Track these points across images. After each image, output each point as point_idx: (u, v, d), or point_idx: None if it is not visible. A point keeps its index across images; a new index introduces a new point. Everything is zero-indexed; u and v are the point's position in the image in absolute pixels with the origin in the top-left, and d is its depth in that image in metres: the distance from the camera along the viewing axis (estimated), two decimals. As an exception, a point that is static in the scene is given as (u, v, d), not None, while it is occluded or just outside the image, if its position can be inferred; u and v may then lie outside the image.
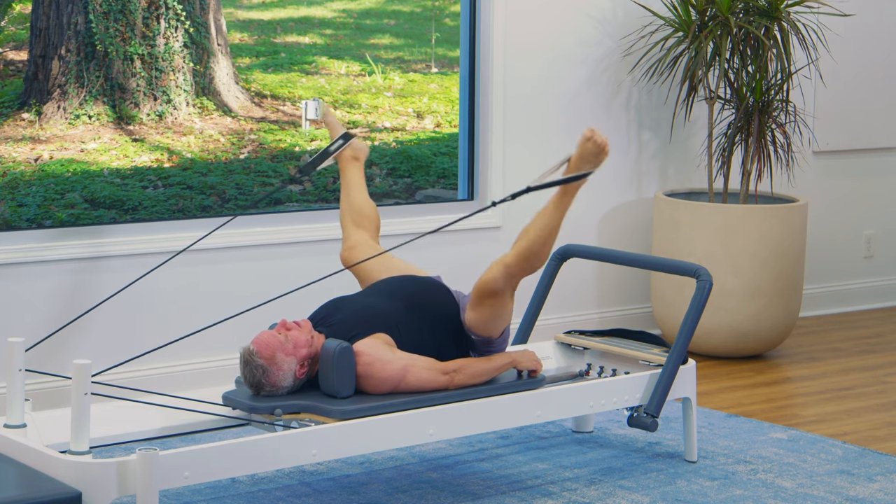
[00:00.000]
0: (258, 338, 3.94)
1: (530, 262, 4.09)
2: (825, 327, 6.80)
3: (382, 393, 3.98)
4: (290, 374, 3.92)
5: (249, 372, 3.91)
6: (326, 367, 3.93)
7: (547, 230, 4.11)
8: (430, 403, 3.98)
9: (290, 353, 3.92)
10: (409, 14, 5.73)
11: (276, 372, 3.90)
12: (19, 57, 4.92)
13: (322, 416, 3.87)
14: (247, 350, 3.93)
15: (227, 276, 5.31)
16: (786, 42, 6.05)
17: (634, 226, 6.39)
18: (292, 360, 3.92)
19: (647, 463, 4.61)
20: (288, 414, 3.88)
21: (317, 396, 3.95)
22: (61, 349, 4.80)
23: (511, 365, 4.21)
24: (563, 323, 6.03)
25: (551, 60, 6.05)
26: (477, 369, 4.12)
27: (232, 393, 4.00)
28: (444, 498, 4.22)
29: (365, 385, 3.97)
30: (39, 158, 4.94)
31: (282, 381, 3.92)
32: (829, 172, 7.03)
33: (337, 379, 3.92)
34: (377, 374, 3.96)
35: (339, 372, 3.91)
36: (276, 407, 3.88)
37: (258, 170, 5.37)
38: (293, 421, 3.86)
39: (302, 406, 3.90)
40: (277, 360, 3.90)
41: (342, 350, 3.92)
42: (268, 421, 3.89)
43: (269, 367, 3.90)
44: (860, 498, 4.30)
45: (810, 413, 5.33)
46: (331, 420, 3.84)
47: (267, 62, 5.40)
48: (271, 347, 3.90)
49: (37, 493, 3.30)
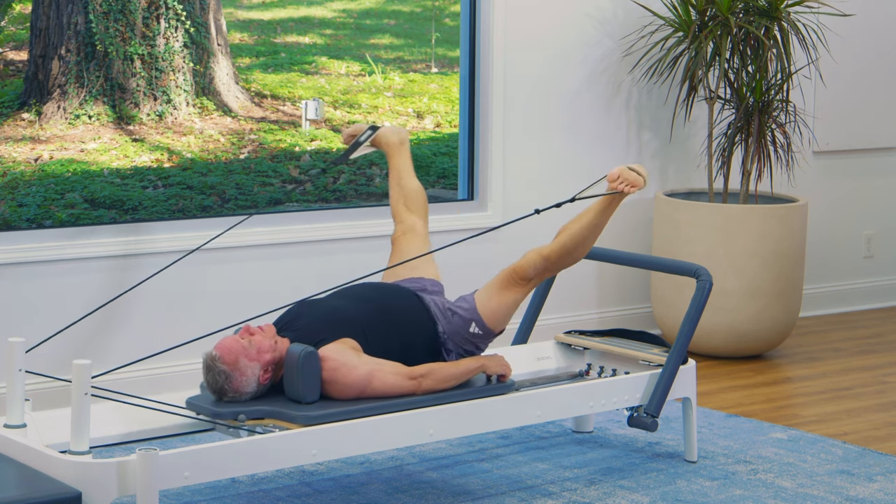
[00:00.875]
0: (221, 343, 3.88)
1: (566, 259, 4.23)
2: (825, 327, 6.80)
3: (348, 398, 3.91)
4: (254, 379, 3.85)
5: (212, 378, 3.85)
6: (291, 372, 3.87)
7: (588, 229, 4.23)
8: (398, 409, 3.92)
9: (253, 358, 3.85)
10: (409, 14, 5.73)
11: (240, 378, 3.84)
12: (19, 57, 4.92)
13: (286, 421, 3.80)
14: (209, 356, 3.86)
15: (227, 275, 5.31)
16: (786, 42, 6.05)
17: (634, 226, 6.39)
18: (256, 365, 3.85)
19: (647, 463, 4.61)
20: (252, 419, 3.82)
21: (281, 402, 3.88)
22: (61, 349, 4.80)
23: (480, 369, 4.15)
24: (563, 323, 6.03)
25: (551, 60, 6.05)
26: (445, 374, 4.06)
27: (196, 398, 3.93)
28: (444, 498, 4.22)
29: (330, 390, 3.91)
30: (39, 158, 4.94)
31: (245, 386, 3.85)
32: (829, 172, 7.03)
33: (302, 384, 3.85)
34: (342, 379, 3.89)
35: (303, 377, 3.85)
36: (240, 412, 3.81)
37: (258, 170, 5.37)
38: (257, 426, 3.79)
39: (266, 412, 3.83)
40: (240, 366, 3.84)
41: (307, 355, 3.85)
42: (232, 426, 3.83)
43: (232, 373, 3.83)
44: (860, 498, 4.30)
45: (810, 413, 5.33)
46: (295, 426, 3.77)
47: (267, 62, 5.40)
48: (234, 353, 3.84)
49: (37, 493, 3.30)
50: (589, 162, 6.19)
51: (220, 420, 3.86)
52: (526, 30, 5.96)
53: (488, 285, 4.24)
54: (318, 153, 5.50)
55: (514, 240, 5.66)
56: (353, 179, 5.59)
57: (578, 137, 6.18)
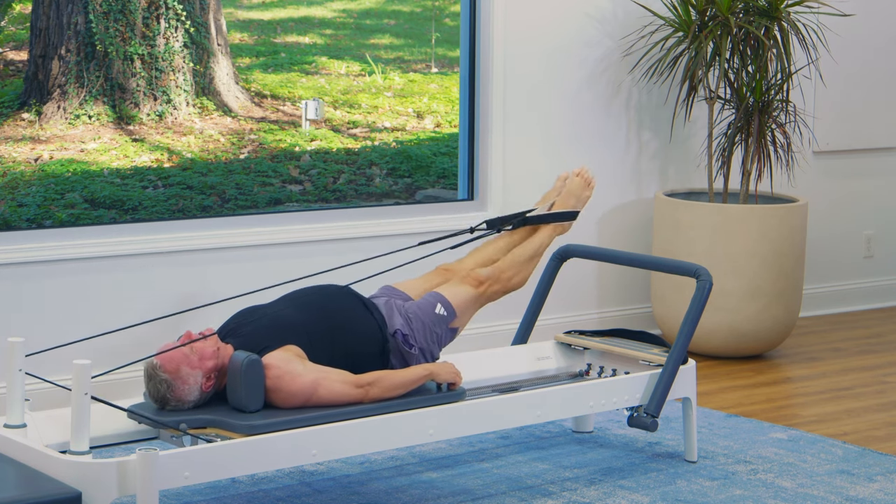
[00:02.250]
0: (161, 352, 3.81)
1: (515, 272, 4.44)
2: (825, 327, 6.80)
3: (293, 407, 3.85)
4: (196, 387, 3.80)
5: (154, 387, 3.79)
6: (234, 380, 3.81)
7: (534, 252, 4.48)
8: (346, 417, 3.85)
9: (195, 366, 3.79)
10: (409, 14, 5.74)
11: (182, 386, 3.78)
12: (19, 57, 4.92)
13: (228, 430, 3.74)
14: (150, 364, 3.80)
15: (226, 276, 5.31)
16: (786, 42, 6.05)
17: (634, 226, 6.39)
18: (198, 373, 3.80)
19: (647, 463, 4.61)
20: (194, 429, 3.76)
21: (224, 410, 3.82)
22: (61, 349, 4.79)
23: (429, 377, 4.09)
24: (563, 323, 6.03)
25: (551, 60, 6.06)
26: (392, 382, 4.00)
27: (137, 406, 3.87)
28: (444, 498, 4.22)
29: (274, 399, 3.84)
30: (39, 158, 4.94)
31: (187, 395, 3.80)
32: (829, 172, 7.03)
33: (245, 392, 3.79)
34: (287, 387, 3.83)
35: (247, 385, 3.79)
36: (182, 421, 3.76)
37: (258, 170, 5.37)
38: (200, 435, 3.73)
39: (208, 420, 3.77)
40: (182, 374, 3.78)
41: (250, 362, 3.79)
42: (174, 435, 3.78)
43: (174, 382, 3.77)
44: (860, 498, 4.30)
45: (810, 413, 5.33)
46: (237, 435, 3.71)
47: (267, 62, 5.40)
48: (175, 361, 3.78)
49: (37, 493, 3.30)
50: (589, 162, 6.19)
51: (162, 428, 3.80)
52: (526, 30, 5.96)
53: (441, 285, 4.37)
54: (318, 153, 5.50)
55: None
56: (353, 179, 5.59)
57: (578, 137, 6.18)
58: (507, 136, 5.94)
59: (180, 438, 3.78)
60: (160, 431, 3.86)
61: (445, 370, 4.12)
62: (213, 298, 5.25)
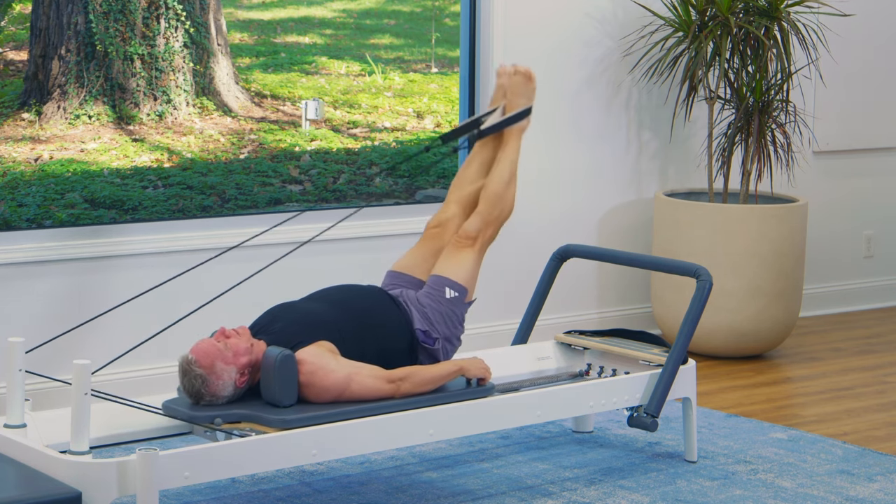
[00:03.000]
0: (196, 346, 3.85)
1: (499, 207, 4.35)
2: (825, 327, 6.80)
3: (326, 402, 3.89)
4: (231, 383, 3.83)
5: (188, 382, 3.82)
6: (268, 375, 3.84)
7: (508, 174, 4.37)
8: (378, 412, 3.89)
9: (229, 361, 3.82)
10: (409, 14, 5.73)
11: (216, 381, 3.82)
12: (19, 57, 4.92)
13: (263, 425, 3.78)
14: (185, 359, 3.83)
15: (227, 276, 5.31)
16: (786, 42, 6.05)
17: (634, 226, 6.39)
18: (232, 368, 3.83)
19: (647, 463, 4.61)
20: (228, 423, 3.80)
21: (258, 405, 3.86)
22: (61, 349, 4.79)
23: (459, 373, 4.12)
24: (563, 323, 6.03)
25: (551, 60, 6.05)
26: (424, 377, 4.03)
27: (172, 401, 3.90)
28: (444, 498, 4.22)
29: (308, 394, 3.88)
30: (39, 158, 4.94)
31: (221, 390, 3.83)
32: (829, 172, 7.03)
33: (278, 388, 3.83)
34: (320, 382, 3.87)
35: (280, 380, 3.82)
36: (216, 416, 3.79)
37: (258, 170, 5.37)
38: (234, 430, 3.77)
39: (242, 415, 3.81)
40: (217, 370, 3.81)
41: (284, 358, 3.83)
42: (208, 429, 3.81)
43: (209, 377, 3.81)
44: (860, 498, 4.30)
45: (810, 413, 5.33)
46: (272, 430, 3.75)
47: (267, 62, 5.40)
48: (210, 356, 3.81)
49: (37, 493, 3.30)
50: (589, 162, 6.20)
51: (197, 423, 3.83)
52: (526, 29, 5.96)
53: (438, 262, 4.32)
54: (318, 153, 5.50)
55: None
56: (353, 179, 5.59)
57: (578, 137, 6.18)
58: (507, 136, 5.94)
59: (214, 433, 3.80)
60: (193, 427, 3.89)
61: (475, 366, 4.16)
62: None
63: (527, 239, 6.02)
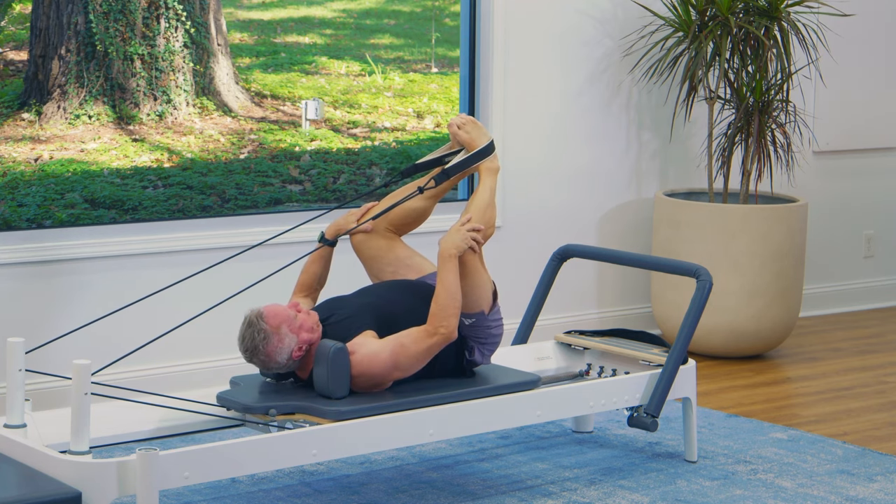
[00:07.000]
0: (268, 305, 3.92)
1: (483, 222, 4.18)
2: (825, 327, 6.80)
3: (381, 387, 3.96)
4: (288, 351, 3.89)
5: (250, 335, 3.88)
6: (321, 367, 3.91)
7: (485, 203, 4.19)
8: (430, 404, 3.96)
9: (294, 330, 3.90)
10: (409, 14, 5.74)
11: (277, 343, 3.88)
12: (19, 57, 4.92)
13: (317, 416, 3.85)
14: (254, 312, 3.90)
15: (227, 275, 5.31)
16: (786, 42, 6.05)
17: (634, 226, 6.39)
18: (294, 337, 3.90)
19: (647, 463, 4.61)
20: (282, 415, 3.86)
21: (311, 397, 3.93)
22: (61, 349, 4.79)
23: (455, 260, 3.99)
24: (563, 323, 6.03)
25: (551, 60, 6.06)
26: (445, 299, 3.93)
27: (227, 393, 3.98)
28: (444, 498, 4.23)
29: (361, 383, 3.95)
30: (39, 158, 4.94)
31: (277, 354, 3.89)
32: (829, 172, 7.03)
33: (332, 380, 3.90)
34: (368, 370, 3.93)
35: (333, 373, 3.89)
36: (271, 407, 3.86)
37: (258, 170, 5.37)
38: (287, 422, 3.84)
39: (297, 406, 3.88)
40: (281, 332, 3.88)
41: (337, 351, 3.90)
42: (262, 422, 3.87)
43: (272, 335, 3.87)
44: (860, 498, 4.30)
45: (810, 413, 5.33)
46: (326, 421, 3.82)
47: (267, 62, 5.40)
48: (279, 318, 3.89)
49: (37, 493, 3.30)
50: (589, 161, 6.20)
51: (252, 415, 3.88)
52: (526, 29, 5.96)
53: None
54: (318, 153, 5.50)
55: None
56: (353, 179, 5.59)
57: (578, 137, 6.18)
58: (507, 136, 5.94)
59: (266, 426, 3.84)
60: (246, 418, 3.92)
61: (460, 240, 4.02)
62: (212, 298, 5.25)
63: (527, 239, 6.02)
